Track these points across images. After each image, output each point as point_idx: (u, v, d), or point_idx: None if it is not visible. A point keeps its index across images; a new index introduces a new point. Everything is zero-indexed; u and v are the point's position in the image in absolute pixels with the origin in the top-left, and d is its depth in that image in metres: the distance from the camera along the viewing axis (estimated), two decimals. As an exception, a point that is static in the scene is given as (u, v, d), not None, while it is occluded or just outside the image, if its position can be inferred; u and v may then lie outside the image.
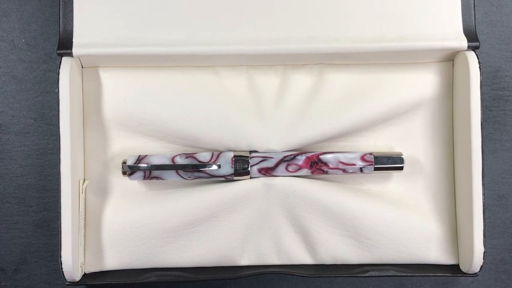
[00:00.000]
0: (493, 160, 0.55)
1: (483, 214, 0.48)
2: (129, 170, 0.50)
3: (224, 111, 0.50)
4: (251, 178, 0.50)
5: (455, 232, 0.51)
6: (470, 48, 0.49)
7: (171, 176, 0.50)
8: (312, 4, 0.50)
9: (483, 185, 0.48)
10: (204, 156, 0.50)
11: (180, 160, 0.50)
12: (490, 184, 0.55)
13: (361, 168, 0.50)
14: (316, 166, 0.50)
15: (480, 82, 0.48)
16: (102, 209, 0.51)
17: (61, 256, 0.48)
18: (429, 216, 0.51)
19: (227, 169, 0.50)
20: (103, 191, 0.51)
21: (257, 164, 0.50)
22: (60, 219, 0.47)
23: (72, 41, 0.49)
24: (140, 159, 0.50)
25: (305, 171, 0.50)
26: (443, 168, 0.52)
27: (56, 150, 0.49)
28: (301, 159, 0.50)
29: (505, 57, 0.56)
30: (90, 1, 0.50)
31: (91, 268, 0.51)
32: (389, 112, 0.51)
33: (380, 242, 0.50)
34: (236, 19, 0.50)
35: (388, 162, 0.50)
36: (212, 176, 0.50)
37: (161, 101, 0.50)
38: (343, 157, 0.50)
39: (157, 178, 0.50)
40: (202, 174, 0.50)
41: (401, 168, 0.51)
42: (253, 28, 0.50)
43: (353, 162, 0.50)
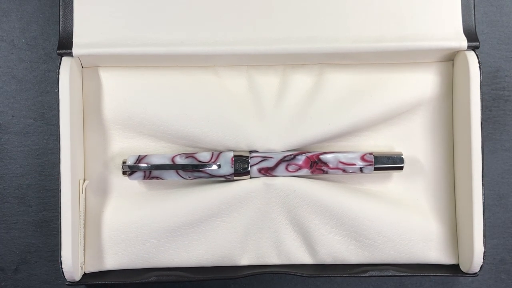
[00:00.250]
0: (493, 160, 0.55)
1: (483, 214, 0.48)
2: (129, 170, 0.50)
3: (224, 111, 0.50)
4: (251, 178, 0.50)
5: (455, 232, 0.51)
6: (470, 48, 0.49)
7: (171, 176, 0.50)
8: (312, 4, 0.50)
9: (483, 185, 0.48)
10: (204, 156, 0.50)
11: (180, 160, 0.50)
12: (490, 184, 0.55)
13: (361, 168, 0.50)
14: (316, 166, 0.50)
15: (480, 82, 0.48)
16: (102, 209, 0.51)
17: (61, 256, 0.48)
18: (429, 216, 0.51)
19: (227, 169, 0.50)
20: (103, 191, 0.51)
21: (257, 164, 0.50)
22: (60, 219, 0.47)
23: (72, 41, 0.49)
24: (140, 159, 0.50)
25: (305, 171, 0.50)
26: (443, 168, 0.52)
27: (56, 150, 0.49)
28: (301, 159, 0.50)
29: (505, 57, 0.56)
30: (90, 1, 0.50)
31: (91, 268, 0.51)
32: (389, 112, 0.51)
33: (380, 242, 0.50)
34: (236, 19, 0.50)
35: (388, 162, 0.50)
36: (212, 176, 0.50)
37: (161, 101, 0.50)
38: (343, 157, 0.50)
39: (157, 178, 0.50)
40: (202, 174, 0.50)
41: (401, 168, 0.51)
42: (253, 28, 0.50)
43: (353, 162, 0.50)
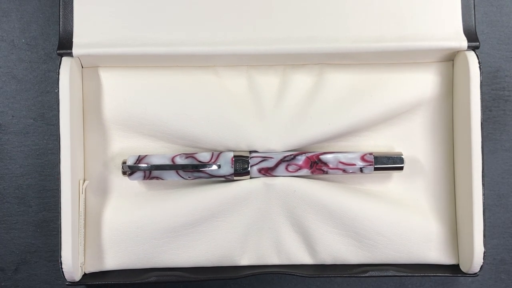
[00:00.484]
0: (493, 160, 0.55)
1: (483, 214, 0.48)
2: (129, 170, 0.50)
3: (224, 111, 0.50)
4: (251, 178, 0.50)
5: (455, 232, 0.51)
6: (470, 48, 0.49)
7: (171, 176, 0.50)
8: (312, 4, 0.50)
9: (483, 185, 0.48)
10: (204, 156, 0.50)
11: (180, 160, 0.50)
12: (490, 184, 0.55)
13: (361, 168, 0.50)
14: (316, 166, 0.50)
15: (480, 82, 0.48)
16: (102, 209, 0.51)
17: (61, 256, 0.48)
18: (429, 216, 0.51)
19: (227, 169, 0.50)
20: (103, 191, 0.51)
21: (257, 164, 0.50)
22: (60, 219, 0.47)
23: (72, 41, 0.49)
24: (140, 159, 0.50)
25: (305, 171, 0.50)
26: (443, 168, 0.52)
27: (56, 150, 0.49)
28: (301, 159, 0.50)
29: (505, 57, 0.56)
30: (90, 1, 0.50)
31: (91, 268, 0.51)
32: (389, 112, 0.51)
33: (380, 242, 0.50)
34: (236, 19, 0.50)
35: (388, 162, 0.50)
36: (212, 176, 0.50)
37: (161, 101, 0.50)
38: (343, 157, 0.50)
39: (157, 178, 0.50)
40: (202, 174, 0.50)
41: (401, 168, 0.51)
42: (253, 28, 0.50)
43: (353, 162, 0.50)
